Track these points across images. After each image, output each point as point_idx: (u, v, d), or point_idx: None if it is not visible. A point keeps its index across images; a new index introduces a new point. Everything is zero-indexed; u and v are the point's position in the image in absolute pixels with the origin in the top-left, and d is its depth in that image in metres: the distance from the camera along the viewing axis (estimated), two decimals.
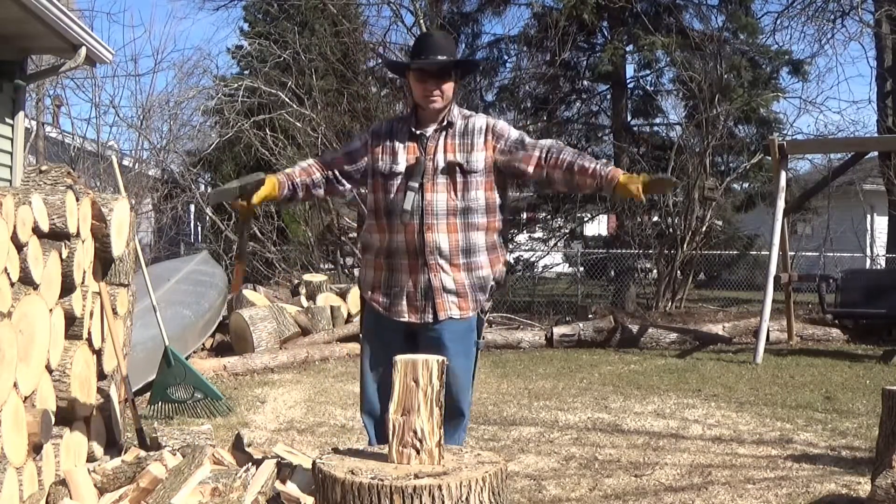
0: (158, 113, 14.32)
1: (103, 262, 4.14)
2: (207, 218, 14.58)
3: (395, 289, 3.17)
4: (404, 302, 3.16)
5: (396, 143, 3.19)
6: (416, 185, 3.10)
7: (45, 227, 3.36)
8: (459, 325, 3.15)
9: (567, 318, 10.98)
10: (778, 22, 14.16)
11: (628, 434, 5.20)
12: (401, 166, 3.15)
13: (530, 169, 3.15)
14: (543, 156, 3.13)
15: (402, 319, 3.17)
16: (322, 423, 5.52)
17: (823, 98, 27.32)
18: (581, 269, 15.50)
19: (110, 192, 9.70)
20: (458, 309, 3.14)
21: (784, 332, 9.48)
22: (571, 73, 15.39)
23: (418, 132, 3.18)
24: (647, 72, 15.17)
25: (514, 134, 3.20)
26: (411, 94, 3.24)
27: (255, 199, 3.13)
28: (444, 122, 3.18)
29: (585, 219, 16.66)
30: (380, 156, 3.20)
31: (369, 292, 3.25)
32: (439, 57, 3.12)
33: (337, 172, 3.29)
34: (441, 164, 3.12)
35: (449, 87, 3.14)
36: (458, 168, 3.12)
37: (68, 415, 3.58)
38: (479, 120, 3.22)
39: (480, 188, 3.15)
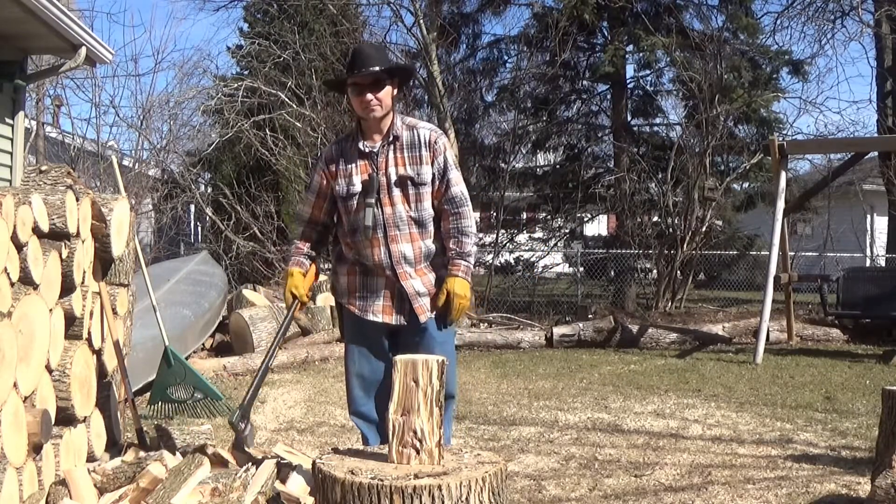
0: (158, 113, 14.30)
1: (103, 262, 4.14)
2: (207, 218, 14.57)
3: (370, 292, 3.35)
4: (380, 303, 3.33)
5: (349, 165, 3.32)
6: (373, 200, 3.25)
7: (45, 227, 3.36)
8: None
9: (567, 318, 10.98)
10: (778, 22, 14.17)
11: (628, 434, 5.20)
12: (357, 186, 3.29)
13: (434, 201, 3.34)
14: (446, 203, 3.33)
15: (378, 320, 3.33)
16: (322, 423, 5.52)
17: (823, 98, 27.43)
18: (581, 269, 15.50)
19: (110, 192, 9.70)
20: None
21: (784, 332, 9.48)
22: (571, 73, 15.38)
23: (367, 150, 3.29)
24: (647, 72, 15.19)
25: (450, 160, 3.34)
26: (352, 108, 3.37)
27: (300, 291, 3.47)
28: (391, 137, 3.29)
29: (585, 219, 16.67)
30: (336, 180, 3.33)
31: (346, 297, 3.41)
32: (371, 69, 3.22)
33: (325, 217, 3.45)
34: (394, 178, 3.27)
35: (385, 95, 3.25)
36: (409, 181, 3.27)
37: (68, 415, 3.57)
38: (424, 132, 3.33)
39: (428, 199, 3.31)
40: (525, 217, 16.79)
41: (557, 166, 16.09)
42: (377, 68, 3.21)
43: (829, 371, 7.70)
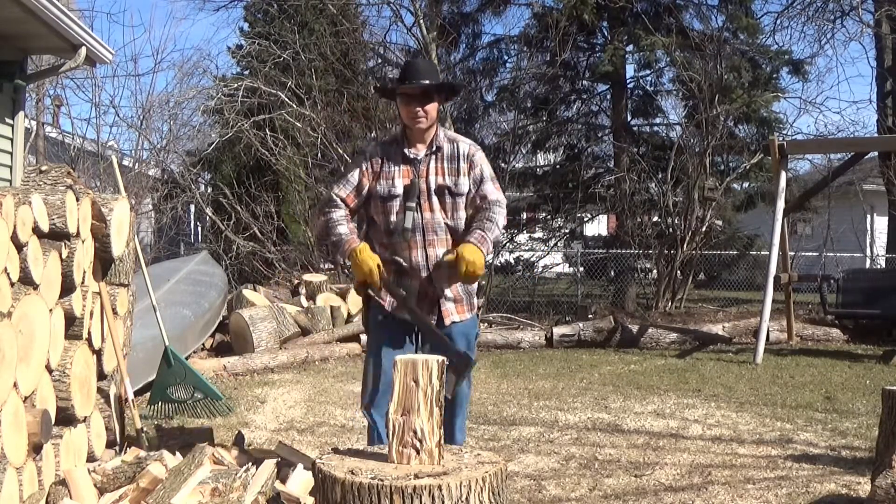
0: (158, 113, 14.31)
1: (103, 262, 4.14)
2: (207, 218, 14.57)
3: (402, 289, 3.40)
4: (413, 301, 3.39)
5: (392, 167, 3.43)
6: (414, 204, 3.37)
7: (45, 227, 3.36)
8: (462, 325, 3.48)
9: (567, 318, 10.97)
10: (778, 22, 14.18)
11: (628, 434, 5.20)
12: (398, 189, 3.40)
13: (469, 210, 3.46)
14: (480, 200, 3.42)
15: (408, 318, 3.40)
16: (322, 423, 5.52)
17: (823, 98, 27.41)
18: (581, 269, 15.49)
19: (110, 192, 9.70)
20: (458, 314, 3.47)
21: (784, 332, 9.48)
22: (571, 73, 15.37)
23: (412, 156, 3.42)
24: (647, 72, 15.18)
25: (486, 172, 3.45)
26: (400, 115, 3.49)
27: (375, 275, 3.34)
28: (434, 147, 3.43)
29: (585, 219, 16.65)
30: (378, 180, 3.43)
31: (377, 291, 3.44)
32: (423, 81, 3.37)
33: (353, 206, 3.50)
34: (433, 186, 3.40)
35: (432, 108, 3.39)
36: (447, 190, 3.40)
37: (68, 415, 3.57)
38: (464, 145, 3.47)
39: (462, 209, 3.43)
40: (525, 217, 16.77)
41: (557, 166, 16.08)
42: (427, 82, 3.36)
43: (829, 371, 7.70)
